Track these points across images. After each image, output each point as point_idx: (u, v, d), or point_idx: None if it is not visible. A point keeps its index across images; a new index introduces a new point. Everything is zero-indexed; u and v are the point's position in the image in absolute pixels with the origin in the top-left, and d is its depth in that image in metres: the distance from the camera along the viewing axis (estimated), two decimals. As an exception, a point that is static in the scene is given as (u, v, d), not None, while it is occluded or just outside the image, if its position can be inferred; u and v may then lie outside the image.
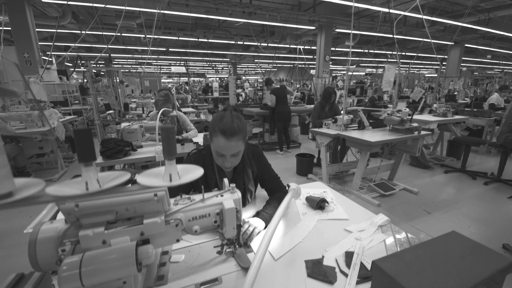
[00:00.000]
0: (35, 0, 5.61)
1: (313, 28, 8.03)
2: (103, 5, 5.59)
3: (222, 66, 18.91)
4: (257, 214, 0.97)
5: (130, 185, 0.60)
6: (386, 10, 5.28)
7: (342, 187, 3.16)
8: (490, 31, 8.41)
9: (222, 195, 0.75)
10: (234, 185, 0.76)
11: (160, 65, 16.95)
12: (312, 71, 11.70)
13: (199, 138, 2.50)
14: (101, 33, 8.75)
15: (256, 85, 9.10)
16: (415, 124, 2.69)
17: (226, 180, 0.80)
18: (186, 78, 16.29)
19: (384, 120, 2.83)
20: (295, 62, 12.51)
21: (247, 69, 20.95)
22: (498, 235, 2.20)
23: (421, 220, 2.45)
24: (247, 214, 1.06)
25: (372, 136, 2.69)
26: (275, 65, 18.36)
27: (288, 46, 10.13)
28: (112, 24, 8.72)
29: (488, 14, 7.51)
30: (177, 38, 8.87)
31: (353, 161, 3.37)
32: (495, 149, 4.08)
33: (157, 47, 10.79)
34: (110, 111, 2.04)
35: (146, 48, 10.74)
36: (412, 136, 2.67)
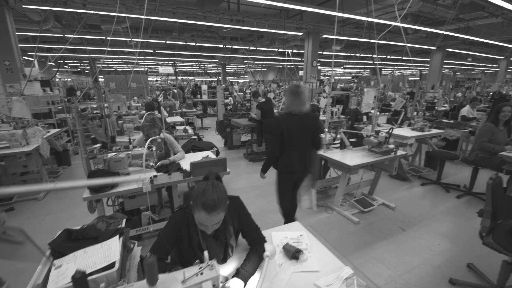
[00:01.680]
0: (15, 6, 5.42)
1: (301, 34, 8.13)
2: (88, 12, 5.49)
3: (211, 66, 18.79)
4: (237, 273, 1.07)
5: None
6: (369, 19, 5.45)
7: (325, 202, 3.30)
8: (469, 38, 8.77)
9: (202, 273, 0.84)
10: (214, 261, 0.85)
11: (148, 65, 16.67)
12: (301, 72, 11.83)
13: (187, 161, 2.51)
14: (86, 36, 8.53)
15: (244, 89, 9.16)
16: (391, 146, 2.85)
17: (206, 253, 0.89)
18: (174, 77, 16.10)
19: (363, 141, 2.99)
20: (284, 63, 12.58)
21: (236, 69, 20.91)
22: (464, 253, 2.40)
23: (395, 238, 2.62)
24: (228, 267, 1.16)
25: (352, 157, 2.84)
26: (265, 65, 18.41)
27: (276, 50, 10.20)
28: (97, 26, 8.53)
29: (468, 23, 7.83)
30: (164, 41, 8.77)
31: (336, 177, 3.52)
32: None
33: (144, 49, 10.61)
34: (97, 145, 2.07)
35: (133, 50, 10.58)
36: (389, 157, 2.83)
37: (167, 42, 8.85)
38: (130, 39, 7.97)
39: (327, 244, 2.52)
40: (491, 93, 9.92)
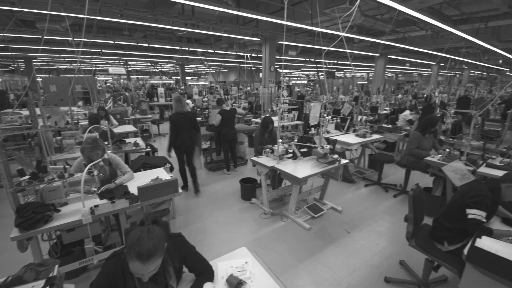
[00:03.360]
0: None
1: (258, 39, 8.26)
2: (19, 10, 4.86)
3: (169, 66, 18.00)
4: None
5: None
6: (316, 29, 5.84)
7: (280, 210, 3.44)
8: (406, 47, 9.87)
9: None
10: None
11: (96, 64, 15.31)
12: (261, 75, 12.03)
13: (136, 182, 2.40)
14: (19, 35, 7.55)
15: (204, 93, 9.00)
16: (335, 156, 3.09)
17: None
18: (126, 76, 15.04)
19: (312, 152, 3.19)
20: (243, 65, 12.64)
21: (196, 69, 20.37)
22: (397, 251, 2.72)
23: (341, 241, 2.86)
24: (169, 309, 1.16)
25: (303, 168, 3.02)
26: (225, 65, 18.27)
27: (235, 53, 10.21)
28: (31, 22, 7.57)
29: (404, 34, 8.81)
30: (112, 41, 8.16)
31: (289, 185, 3.69)
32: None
33: (90, 48, 9.73)
34: (26, 177, 1.87)
35: (75, 49, 9.61)
36: (334, 166, 3.08)
37: (116, 42, 8.24)
38: (71, 39, 7.23)
39: (277, 259, 2.64)
40: (425, 95, 11.26)
